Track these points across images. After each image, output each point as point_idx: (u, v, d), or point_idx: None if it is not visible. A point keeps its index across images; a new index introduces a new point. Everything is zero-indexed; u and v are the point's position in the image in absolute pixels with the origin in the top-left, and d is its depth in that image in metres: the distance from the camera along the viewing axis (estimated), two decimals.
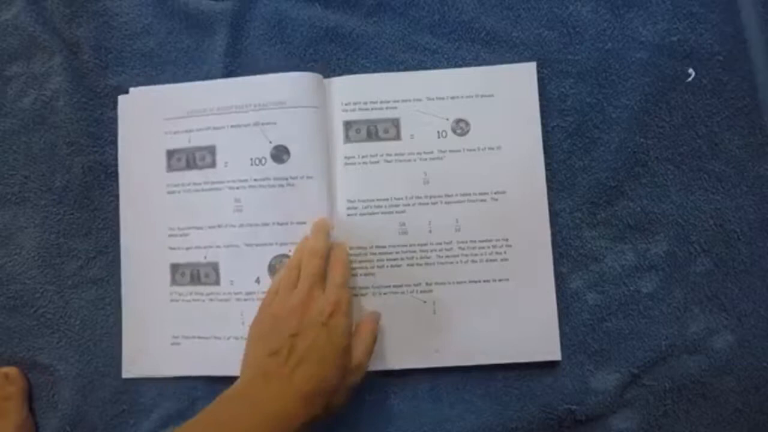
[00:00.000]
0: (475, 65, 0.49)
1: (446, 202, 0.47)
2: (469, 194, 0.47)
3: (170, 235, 0.48)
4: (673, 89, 0.48)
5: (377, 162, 0.48)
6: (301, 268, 0.43)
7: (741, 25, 0.48)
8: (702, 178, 0.47)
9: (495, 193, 0.47)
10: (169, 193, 0.49)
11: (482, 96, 0.48)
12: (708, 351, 0.46)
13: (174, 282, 0.48)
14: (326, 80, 0.49)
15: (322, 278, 0.42)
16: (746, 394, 0.45)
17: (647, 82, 0.48)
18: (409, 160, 0.48)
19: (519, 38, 0.49)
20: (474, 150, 0.48)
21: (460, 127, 0.48)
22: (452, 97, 0.48)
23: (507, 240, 0.47)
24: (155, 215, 0.49)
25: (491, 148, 0.48)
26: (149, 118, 0.49)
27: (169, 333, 0.48)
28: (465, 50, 0.49)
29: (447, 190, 0.47)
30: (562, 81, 0.49)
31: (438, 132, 0.48)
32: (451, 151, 0.48)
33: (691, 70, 0.48)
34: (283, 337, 0.39)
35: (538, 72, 0.48)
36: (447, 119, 0.48)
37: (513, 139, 0.48)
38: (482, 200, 0.47)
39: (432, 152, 0.48)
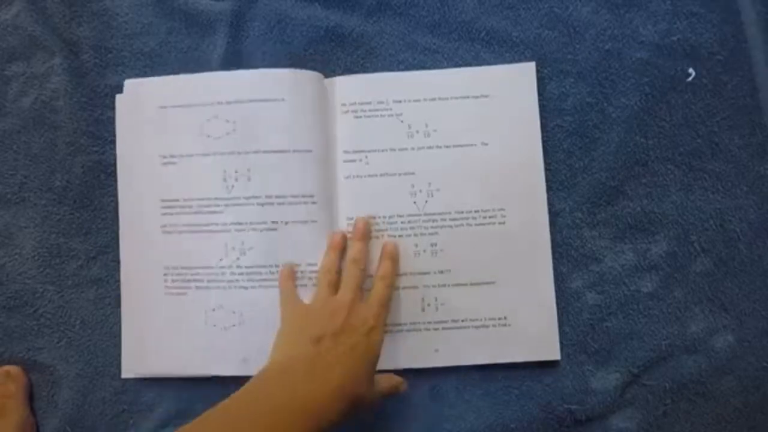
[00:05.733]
0: (475, 65, 0.49)
1: None
2: None
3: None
4: (673, 89, 0.48)
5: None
6: (342, 272, 0.44)
7: (741, 25, 0.48)
8: (702, 178, 0.47)
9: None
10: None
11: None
12: (708, 351, 0.46)
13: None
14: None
15: (362, 287, 0.43)
16: (746, 394, 0.45)
17: (647, 82, 0.48)
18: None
19: (519, 38, 0.49)
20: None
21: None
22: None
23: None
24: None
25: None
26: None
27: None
28: (465, 50, 0.49)
29: None
30: (562, 81, 0.49)
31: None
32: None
33: (691, 70, 0.48)
34: (325, 331, 0.39)
35: (538, 72, 0.48)
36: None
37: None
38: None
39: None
